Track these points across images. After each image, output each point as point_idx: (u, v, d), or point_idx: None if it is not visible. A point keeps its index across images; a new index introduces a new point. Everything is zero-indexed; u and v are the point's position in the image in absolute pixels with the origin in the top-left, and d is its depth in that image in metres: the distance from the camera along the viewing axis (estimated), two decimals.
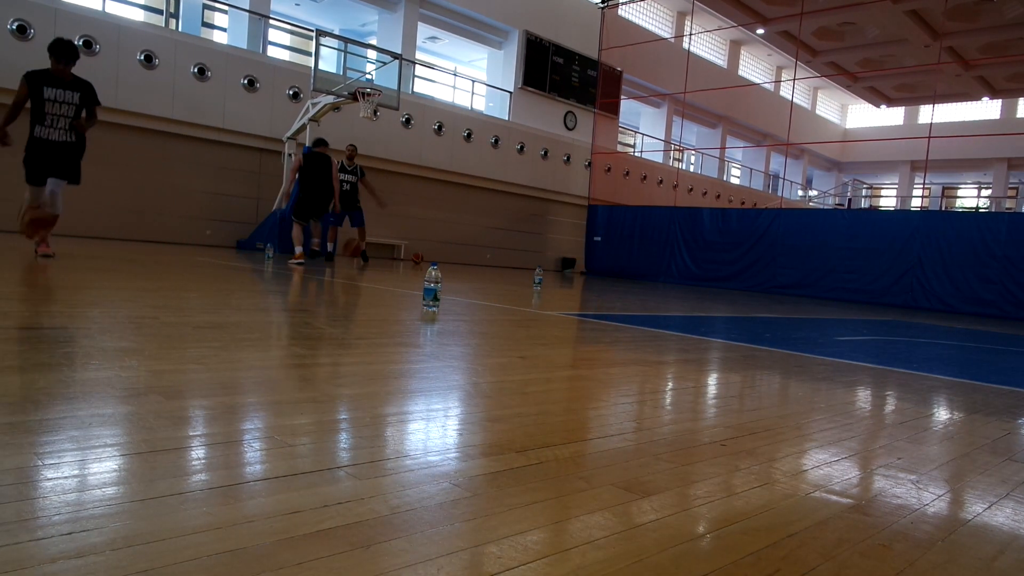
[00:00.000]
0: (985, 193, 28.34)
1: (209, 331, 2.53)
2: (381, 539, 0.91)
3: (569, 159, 17.79)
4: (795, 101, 22.47)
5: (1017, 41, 18.45)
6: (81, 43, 10.24)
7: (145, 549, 0.82)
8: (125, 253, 7.46)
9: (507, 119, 16.64)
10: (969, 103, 25.67)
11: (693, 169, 23.91)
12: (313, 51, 11.11)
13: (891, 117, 29.03)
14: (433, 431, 1.50)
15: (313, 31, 11.36)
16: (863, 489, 1.36)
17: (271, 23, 13.62)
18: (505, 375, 2.24)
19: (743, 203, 23.36)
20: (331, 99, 11.00)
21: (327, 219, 9.61)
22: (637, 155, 20.95)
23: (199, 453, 1.20)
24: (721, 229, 15.23)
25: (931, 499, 1.32)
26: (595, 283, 11.76)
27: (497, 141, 16.07)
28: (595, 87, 18.19)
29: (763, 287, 14.27)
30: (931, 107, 20.62)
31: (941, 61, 17.61)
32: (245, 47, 12.63)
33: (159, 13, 12.65)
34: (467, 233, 16.07)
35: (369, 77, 11.81)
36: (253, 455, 1.21)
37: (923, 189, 29.03)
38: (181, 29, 12.67)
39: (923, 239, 12.33)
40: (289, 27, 15.73)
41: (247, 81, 12.11)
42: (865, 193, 31.86)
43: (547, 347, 3.09)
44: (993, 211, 22.65)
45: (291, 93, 12.63)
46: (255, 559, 0.82)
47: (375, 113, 10.94)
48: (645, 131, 21.89)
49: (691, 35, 19.28)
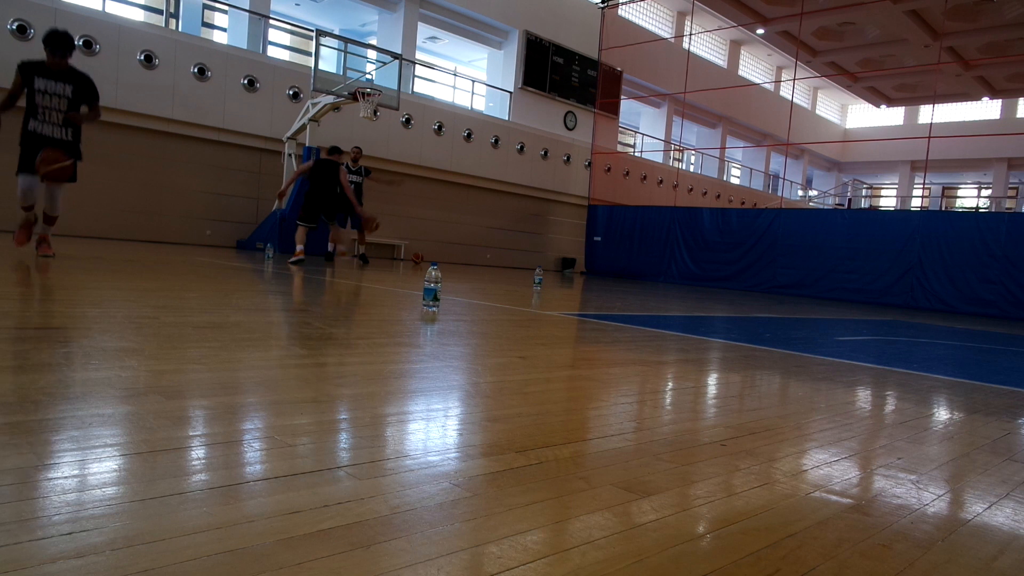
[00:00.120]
0: (985, 193, 28.34)
1: (209, 331, 2.53)
2: (381, 539, 0.91)
3: (569, 159, 17.79)
4: (795, 101, 22.47)
5: (1017, 41, 18.45)
6: (81, 43, 10.24)
7: (145, 549, 0.82)
8: (125, 253, 7.46)
9: (507, 119, 16.64)
10: (969, 103, 25.67)
11: (693, 169, 23.91)
12: (313, 51, 11.11)
13: (891, 117, 29.03)
14: (433, 431, 1.50)
15: (313, 31, 11.37)
16: (863, 489, 1.36)
17: (271, 23, 13.62)
18: (505, 375, 2.24)
19: (743, 203, 23.36)
20: (331, 99, 11.01)
21: (340, 219, 9.79)
22: (637, 155, 20.95)
23: (199, 453, 1.20)
24: (721, 229, 15.22)
25: (931, 499, 1.32)
26: (595, 283, 11.76)
27: (497, 141, 16.07)
28: (595, 87, 18.19)
29: (763, 287, 14.27)
30: (931, 107, 20.62)
31: (941, 61, 17.61)
32: (245, 47, 12.63)
33: (159, 13, 12.65)
34: (467, 233, 16.07)
35: (369, 77, 11.81)
36: (253, 455, 1.21)
37: (923, 189, 29.03)
38: (181, 29, 12.66)
39: (923, 239, 12.33)
40: (289, 27, 15.73)
41: (247, 81, 12.11)
42: (865, 193, 31.86)
43: (547, 347, 3.09)
44: (993, 211, 22.64)
45: (291, 93, 12.63)
46: (255, 559, 0.82)
47: (375, 113, 10.95)
48: (645, 131, 21.89)
49: (691, 35, 19.29)
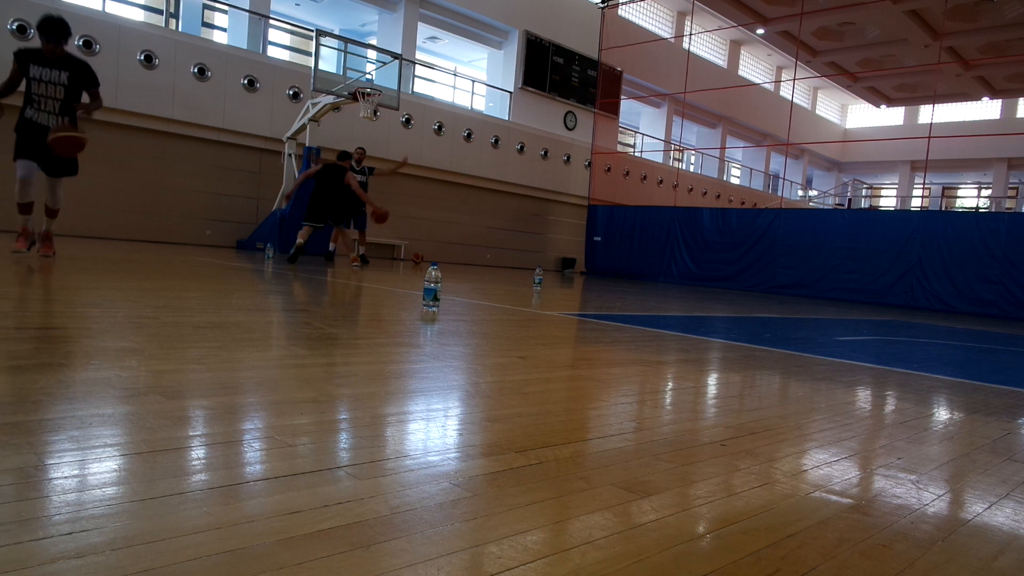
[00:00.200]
0: (985, 193, 28.34)
1: (209, 331, 2.53)
2: (381, 539, 0.91)
3: (569, 159, 17.78)
4: (795, 101, 22.48)
5: (1017, 41, 18.45)
6: (81, 43, 10.25)
7: (145, 549, 0.82)
8: (125, 253, 7.46)
9: (507, 119, 16.64)
10: (969, 103, 25.67)
11: (693, 169, 23.91)
12: (313, 51, 11.11)
13: (891, 117, 29.02)
14: (433, 431, 1.50)
15: (313, 31, 11.37)
16: (863, 489, 1.36)
17: (271, 23, 13.62)
18: (505, 375, 2.24)
19: (743, 203, 23.36)
20: (331, 99, 11.01)
21: (345, 222, 9.94)
22: (637, 155, 20.95)
23: (199, 453, 1.20)
24: (721, 229, 15.22)
25: (931, 499, 1.32)
26: (595, 283, 11.76)
27: (497, 141, 16.07)
28: (595, 87, 18.19)
29: (763, 287, 14.27)
30: (931, 107, 20.62)
31: (941, 61, 17.60)
32: (245, 47, 12.63)
33: (159, 13, 12.65)
34: (467, 233, 16.06)
35: (369, 77, 11.81)
36: (253, 455, 1.21)
37: (923, 189, 29.03)
38: (181, 29, 12.66)
39: (923, 239, 12.33)
40: (289, 27, 15.74)
41: (247, 81, 12.11)
42: (865, 193, 31.86)
43: (547, 347, 3.09)
44: (993, 211, 22.64)
45: (291, 93, 12.63)
46: (255, 559, 0.82)
47: (375, 113, 10.95)
48: (645, 131, 21.89)
49: (691, 35, 19.29)
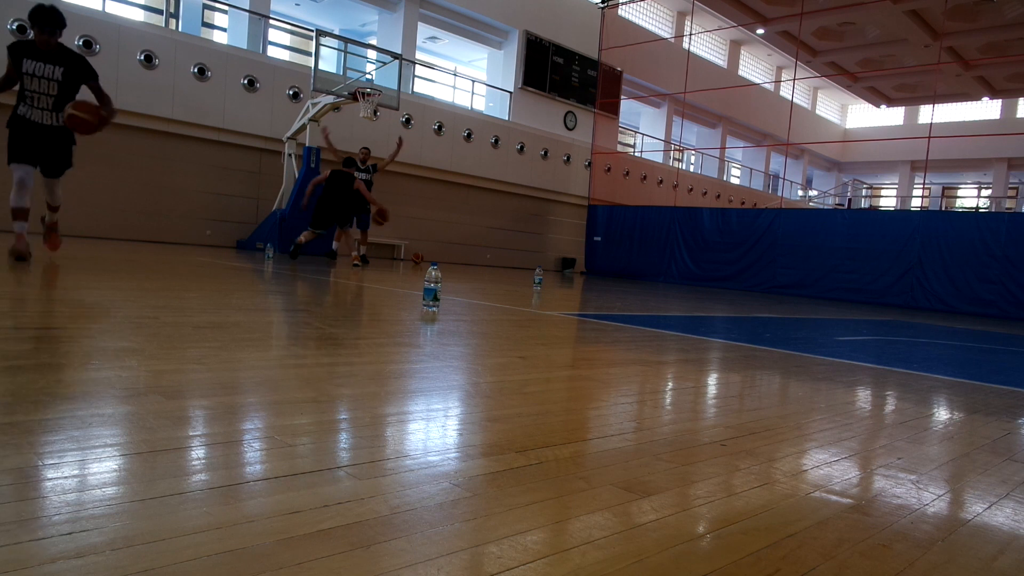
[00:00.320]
0: (985, 193, 28.34)
1: (209, 331, 2.53)
2: (381, 539, 0.91)
3: (569, 159, 17.78)
4: (795, 101, 22.48)
5: (1017, 41, 18.45)
6: (81, 43, 10.25)
7: (145, 549, 0.82)
8: (125, 253, 7.46)
9: (507, 119, 16.64)
10: (969, 103, 25.67)
11: (693, 169, 23.91)
12: (313, 51, 11.12)
13: (891, 117, 29.03)
14: (433, 431, 1.50)
15: (313, 31, 11.37)
16: (863, 489, 1.36)
17: (271, 23, 13.62)
18: (505, 375, 2.24)
19: (743, 203, 23.36)
20: (331, 99, 11.01)
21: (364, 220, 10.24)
22: (637, 155, 20.95)
23: (199, 453, 1.20)
24: (721, 229, 15.22)
25: (931, 499, 1.32)
26: (595, 283, 11.76)
27: (497, 141, 16.07)
28: (595, 87, 18.19)
29: (763, 287, 14.27)
30: (931, 107, 20.62)
31: (941, 61, 17.60)
32: (245, 47, 12.63)
33: (159, 13, 12.65)
34: (467, 233, 16.06)
35: (369, 77, 11.81)
36: (253, 455, 1.21)
37: (923, 189, 29.03)
38: (181, 29, 12.67)
39: (923, 239, 12.33)
40: (289, 27, 15.74)
41: (247, 81, 12.11)
42: (865, 193, 31.86)
43: (547, 347, 3.09)
44: (993, 211, 22.64)
45: (291, 93, 12.63)
46: (255, 559, 0.82)
47: (375, 113, 10.95)
48: (645, 131, 21.89)
49: (691, 35, 19.29)
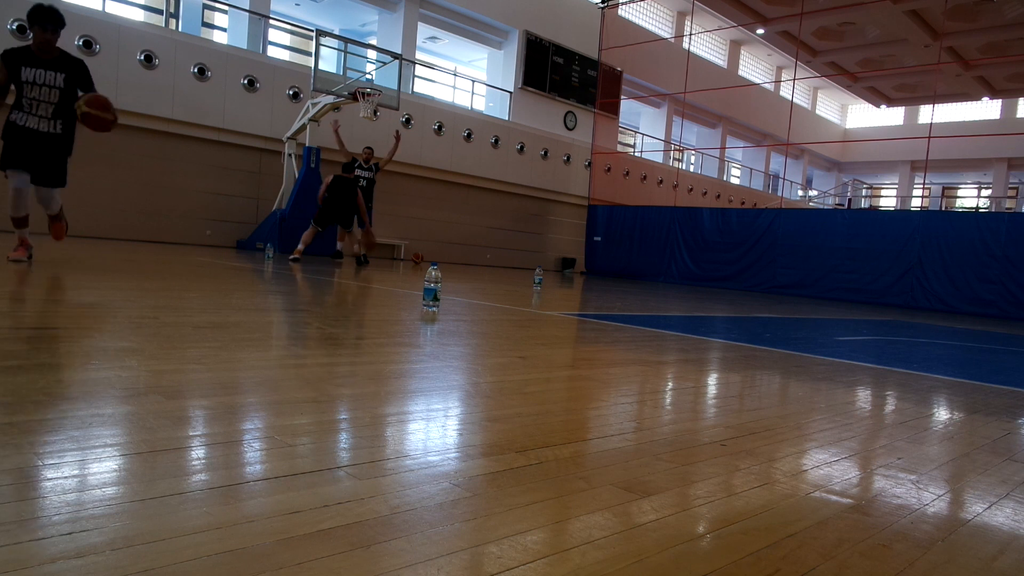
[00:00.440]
0: (985, 193, 28.34)
1: (209, 331, 2.53)
2: (381, 539, 0.91)
3: (569, 159, 17.78)
4: (795, 101, 22.47)
5: (1017, 41, 18.45)
6: (81, 43, 10.24)
7: (145, 549, 0.82)
8: (125, 253, 7.46)
9: (507, 119, 16.64)
10: (969, 103, 25.66)
11: (693, 169, 23.90)
12: (313, 51, 11.11)
13: (891, 117, 29.02)
14: (433, 431, 1.50)
15: (313, 31, 11.36)
16: (863, 489, 1.36)
17: (271, 23, 13.62)
18: (505, 375, 2.24)
19: (743, 203, 23.36)
20: (331, 99, 11.01)
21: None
22: (637, 155, 20.95)
23: (199, 453, 1.20)
24: (721, 229, 15.22)
25: (931, 499, 1.32)
26: (595, 283, 11.76)
27: (497, 141, 16.06)
28: (595, 87, 18.19)
29: (763, 287, 14.27)
30: (931, 107, 20.61)
31: (941, 61, 17.60)
32: (245, 47, 12.63)
33: (159, 13, 12.64)
34: (467, 233, 16.06)
35: (369, 77, 11.81)
36: (253, 455, 1.21)
37: (923, 189, 29.03)
38: (181, 29, 12.66)
39: (923, 239, 12.32)
40: (289, 27, 15.73)
41: (247, 81, 12.11)
42: (865, 193, 31.85)
43: (547, 347, 3.09)
44: (993, 211, 22.64)
45: (291, 93, 12.63)
46: (255, 559, 0.82)
47: (375, 113, 10.95)
48: (645, 131, 21.89)
49: (691, 35, 19.28)
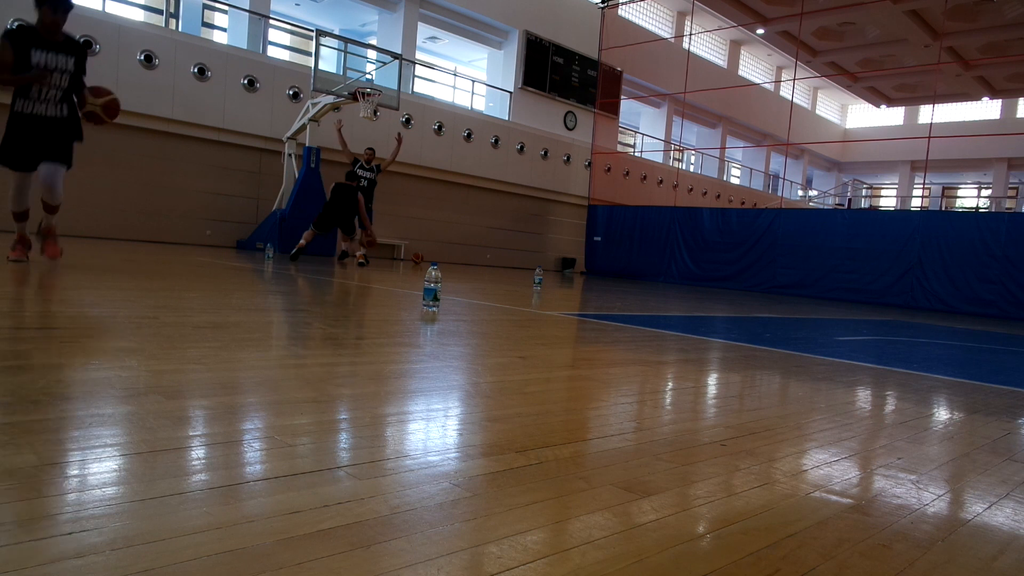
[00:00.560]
0: (985, 193, 28.34)
1: (209, 331, 2.53)
2: (381, 539, 0.91)
3: (569, 159, 17.78)
4: (795, 101, 22.47)
5: (1017, 41, 18.45)
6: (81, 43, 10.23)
7: (145, 549, 0.82)
8: (125, 253, 7.46)
9: (507, 119, 16.64)
10: (969, 103, 25.66)
11: (693, 169, 23.90)
12: (313, 51, 11.11)
13: (891, 117, 29.02)
14: (433, 431, 1.50)
15: (313, 31, 11.36)
16: (863, 489, 1.36)
17: (271, 23, 13.62)
18: (505, 375, 2.24)
19: (743, 203, 23.36)
20: (331, 99, 11.01)
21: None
22: (637, 155, 20.94)
23: (199, 453, 1.20)
24: (721, 229, 15.22)
25: (931, 499, 1.32)
26: (595, 283, 11.76)
27: (497, 141, 16.06)
28: (595, 87, 18.19)
29: (763, 287, 14.26)
30: (931, 107, 20.61)
31: (941, 61, 17.60)
32: (245, 47, 12.63)
33: (159, 13, 12.64)
34: (467, 233, 16.06)
35: (369, 77, 11.81)
36: (253, 455, 1.21)
37: (923, 189, 29.03)
38: (181, 29, 12.66)
39: (923, 239, 12.32)
40: (289, 27, 15.73)
41: (247, 81, 12.11)
42: (865, 193, 31.85)
43: (547, 347, 3.09)
44: (993, 211, 22.64)
45: (291, 93, 12.63)
46: (255, 559, 0.82)
47: (375, 113, 10.95)
48: (645, 131, 21.88)
49: (691, 35, 19.28)
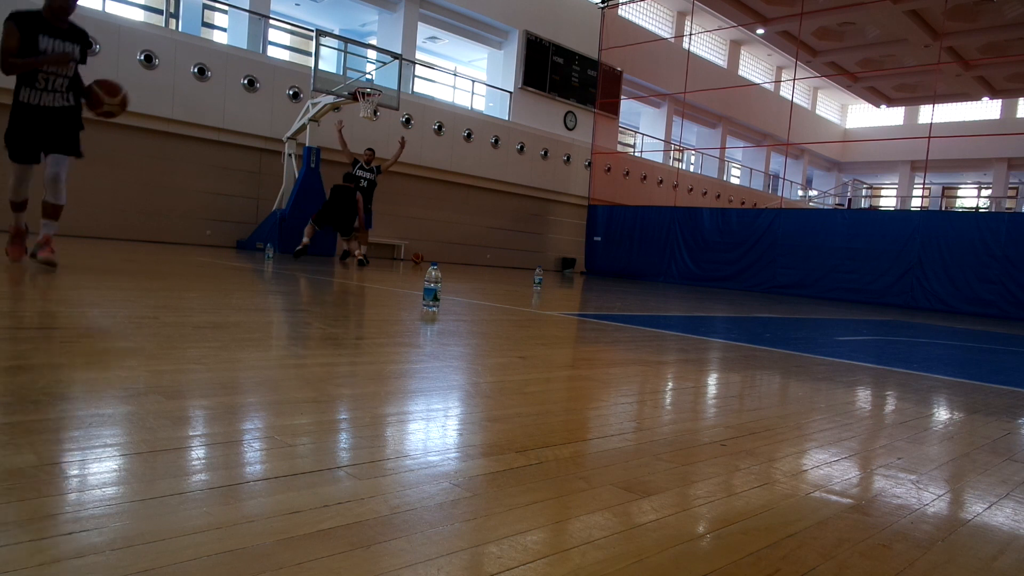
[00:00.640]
0: (985, 193, 28.34)
1: (209, 331, 2.53)
2: (381, 539, 0.91)
3: (569, 159, 17.78)
4: (795, 101, 22.47)
5: (1017, 41, 18.45)
6: None
7: (145, 549, 0.82)
8: (125, 253, 7.46)
9: (507, 119, 16.64)
10: (969, 103, 25.66)
11: (693, 169, 23.90)
12: (313, 51, 11.11)
13: (891, 117, 29.02)
14: (433, 431, 1.50)
15: (313, 31, 11.36)
16: (863, 489, 1.36)
17: (271, 23, 13.62)
18: (505, 375, 2.24)
19: (743, 203, 23.36)
20: (331, 99, 11.01)
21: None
22: (637, 155, 20.94)
23: (199, 453, 1.19)
24: (721, 229, 15.22)
25: (931, 499, 1.32)
26: (595, 283, 11.76)
27: (497, 141, 16.06)
28: (595, 87, 18.19)
29: (763, 287, 14.26)
30: (931, 107, 20.61)
31: (941, 61, 17.60)
32: (245, 47, 12.63)
33: (159, 13, 12.64)
34: (467, 233, 16.06)
35: (369, 77, 11.81)
36: (253, 455, 1.21)
37: (923, 189, 29.03)
38: (181, 29, 12.66)
39: (923, 239, 12.32)
40: (289, 27, 15.73)
41: (247, 81, 12.11)
42: (865, 193, 31.85)
43: (547, 347, 3.09)
44: (993, 211, 22.64)
45: (291, 93, 12.62)
46: (255, 559, 0.82)
47: (375, 113, 10.95)
48: (645, 131, 21.88)
49: (691, 35, 19.28)
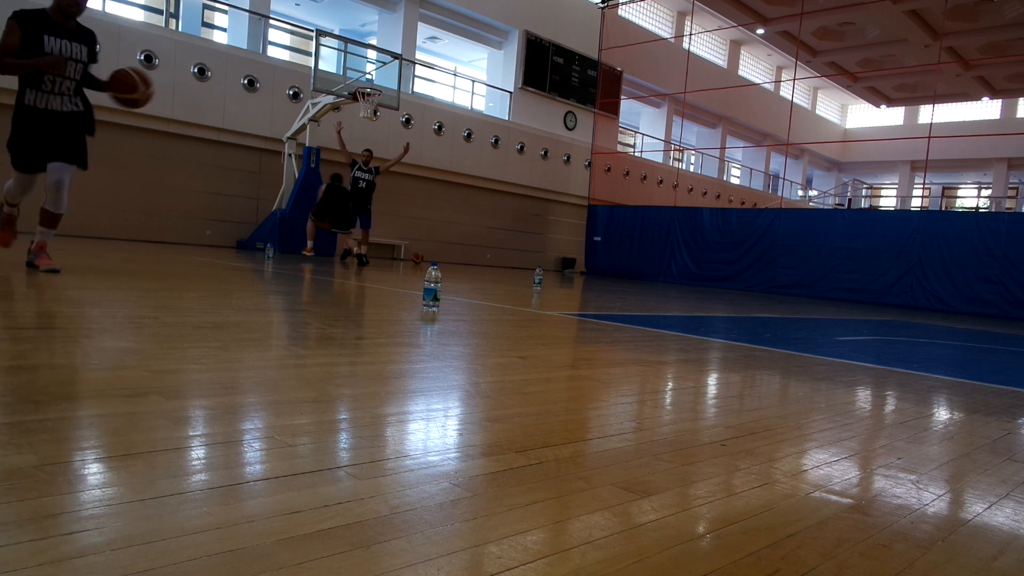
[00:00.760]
0: (985, 193, 28.34)
1: (209, 331, 2.53)
2: (381, 539, 0.91)
3: (569, 159, 17.78)
4: (795, 101, 22.47)
5: (1017, 41, 18.45)
6: None
7: (145, 549, 0.82)
8: (125, 253, 7.46)
9: (507, 119, 16.64)
10: (969, 103, 25.66)
11: (693, 169, 23.90)
12: (313, 51, 11.11)
13: (891, 117, 29.02)
14: (433, 431, 1.50)
15: (313, 31, 11.37)
16: (863, 489, 1.36)
17: (271, 23, 13.62)
18: (505, 375, 2.23)
19: (743, 203, 23.36)
20: (331, 99, 11.01)
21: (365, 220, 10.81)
22: (637, 155, 20.95)
23: (199, 453, 1.19)
24: (721, 229, 15.22)
25: (931, 499, 1.32)
26: (595, 283, 11.76)
27: (497, 141, 16.06)
28: (595, 87, 18.19)
29: (763, 287, 14.26)
30: (931, 107, 20.61)
31: (941, 61, 17.60)
32: (245, 47, 12.63)
33: (159, 13, 12.64)
34: (467, 233, 16.06)
35: (369, 77, 11.81)
36: (253, 455, 1.21)
37: (923, 189, 29.03)
38: (181, 29, 12.66)
39: (923, 239, 12.32)
40: (289, 27, 15.73)
41: (247, 81, 12.11)
42: (865, 193, 31.85)
43: (547, 347, 3.09)
44: (993, 211, 22.64)
45: (291, 93, 12.63)
46: (255, 559, 0.82)
47: (375, 113, 10.95)
48: (645, 131, 21.88)
49: (691, 35, 19.28)
